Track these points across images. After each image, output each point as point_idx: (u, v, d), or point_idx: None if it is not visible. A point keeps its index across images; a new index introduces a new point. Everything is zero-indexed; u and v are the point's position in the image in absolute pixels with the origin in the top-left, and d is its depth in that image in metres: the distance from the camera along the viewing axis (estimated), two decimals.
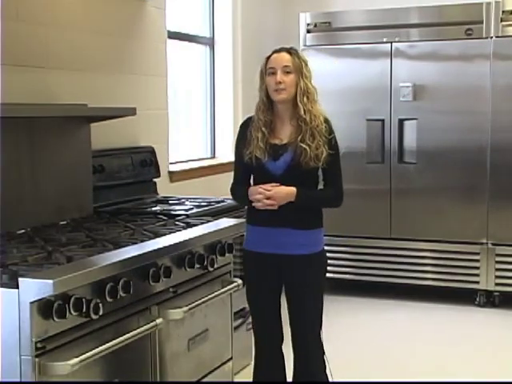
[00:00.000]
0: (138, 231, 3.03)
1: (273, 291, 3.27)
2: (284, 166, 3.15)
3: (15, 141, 3.15)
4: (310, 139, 3.11)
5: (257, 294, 3.28)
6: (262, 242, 3.21)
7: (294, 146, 3.14)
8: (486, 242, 5.52)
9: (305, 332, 3.22)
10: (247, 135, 3.21)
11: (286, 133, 3.20)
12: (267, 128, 3.19)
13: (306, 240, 3.19)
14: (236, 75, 5.72)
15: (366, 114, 5.69)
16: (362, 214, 5.71)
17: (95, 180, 3.71)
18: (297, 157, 3.13)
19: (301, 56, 3.21)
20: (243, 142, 3.23)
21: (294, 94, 3.15)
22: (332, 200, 3.28)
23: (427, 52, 5.63)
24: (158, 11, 4.44)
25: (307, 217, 3.19)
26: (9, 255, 2.54)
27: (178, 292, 2.89)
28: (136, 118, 3.83)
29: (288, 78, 3.14)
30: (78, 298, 2.25)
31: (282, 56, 3.17)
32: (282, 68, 3.14)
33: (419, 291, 5.78)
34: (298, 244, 3.17)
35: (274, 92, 3.14)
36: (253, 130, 3.20)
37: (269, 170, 3.16)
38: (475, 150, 5.53)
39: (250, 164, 3.19)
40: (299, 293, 3.21)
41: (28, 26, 3.41)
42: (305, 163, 3.11)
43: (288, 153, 3.15)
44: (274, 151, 3.16)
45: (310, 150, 3.10)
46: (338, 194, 3.25)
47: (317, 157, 3.11)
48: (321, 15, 5.89)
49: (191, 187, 4.87)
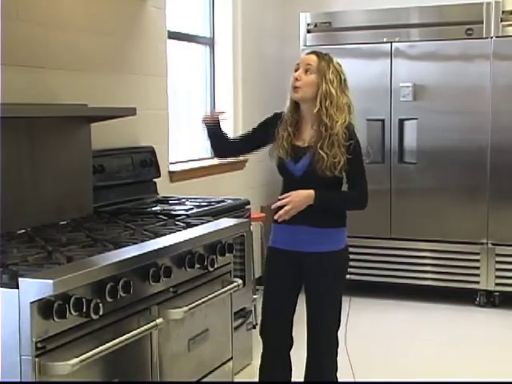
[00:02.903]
0: (138, 231, 3.03)
1: (292, 291, 3.29)
2: (303, 168, 3.19)
3: (15, 141, 3.15)
4: (328, 147, 3.12)
5: (276, 292, 3.29)
6: (284, 240, 3.26)
7: (313, 150, 3.16)
8: (486, 242, 5.52)
9: (322, 330, 3.24)
10: (274, 132, 3.25)
11: (308, 135, 3.23)
12: (293, 128, 3.22)
13: (326, 238, 3.21)
14: (236, 75, 5.72)
15: (366, 114, 5.68)
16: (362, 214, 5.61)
17: (95, 180, 3.70)
18: (314, 163, 3.14)
19: (333, 63, 3.22)
20: (270, 125, 3.29)
21: (314, 96, 3.16)
22: (354, 202, 3.29)
23: (427, 52, 5.64)
24: (157, 11, 4.44)
25: (328, 215, 3.21)
26: (9, 255, 2.53)
27: (178, 292, 2.89)
28: (136, 118, 3.83)
29: (307, 77, 3.17)
30: (78, 298, 2.25)
31: (309, 56, 3.23)
32: (305, 66, 3.19)
33: (419, 291, 5.78)
34: (320, 242, 3.19)
35: (292, 89, 3.19)
36: (280, 129, 3.24)
37: (291, 170, 3.22)
38: (475, 150, 5.53)
39: (275, 162, 3.27)
40: (318, 290, 3.23)
41: (28, 26, 3.41)
42: (321, 171, 3.13)
43: (307, 157, 3.18)
44: (295, 153, 3.21)
45: (328, 159, 3.11)
46: (362, 196, 3.26)
47: (334, 165, 3.12)
48: (321, 15, 5.90)
49: (191, 187, 4.86)
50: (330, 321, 3.26)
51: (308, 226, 3.18)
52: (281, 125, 3.25)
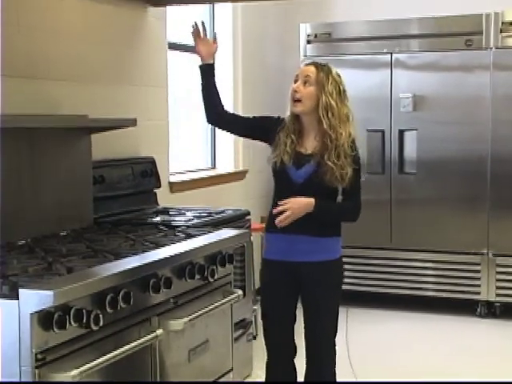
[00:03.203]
0: (139, 242, 3.03)
1: (289, 301, 3.28)
2: (305, 175, 3.18)
3: (16, 151, 3.15)
4: (335, 158, 3.12)
5: (274, 303, 3.29)
6: (280, 250, 3.24)
7: (318, 158, 3.16)
8: (487, 252, 5.52)
9: (320, 339, 3.23)
10: (275, 135, 3.24)
11: (311, 145, 3.23)
12: (296, 136, 3.22)
13: (323, 247, 3.20)
14: (237, 85, 5.73)
15: (367, 125, 5.69)
16: (362, 224, 5.61)
17: (96, 190, 3.71)
18: (320, 171, 3.14)
19: (331, 74, 3.20)
20: (271, 125, 3.27)
21: (315, 109, 3.16)
22: (350, 214, 3.30)
23: (427, 62, 5.65)
24: (158, 22, 4.45)
25: (324, 224, 3.20)
26: (9, 266, 2.54)
27: (179, 303, 2.89)
28: (136, 129, 3.84)
29: (306, 89, 3.16)
30: (78, 309, 2.25)
31: (307, 67, 3.22)
32: (304, 78, 3.17)
33: (419, 301, 5.77)
34: (315, 251, 3.19)
35: (292, 102, 3.18)
36: (282, 135, 3.22)
37: (291, 176, 3.20)
38: (475, 160, 5.53)
39: (274, 167, 3.24)
40: (315, 300, 3.22)
41: (29, 36, 3.42)
42: (329, 182, 3.13)
43: (311, 164, 3.17)
44: (298, 159, 3.19)
45: (336, 169, 3.11)
46: (357, 207, 3.28)
47: (341, 176, 3.13)
48: (321, 26, 5.91)
49: (192, 198, 4.87)
50: (329, 330, 3.26)
51: (304, 235, 3.17)
52: (282, 131, 3.23)
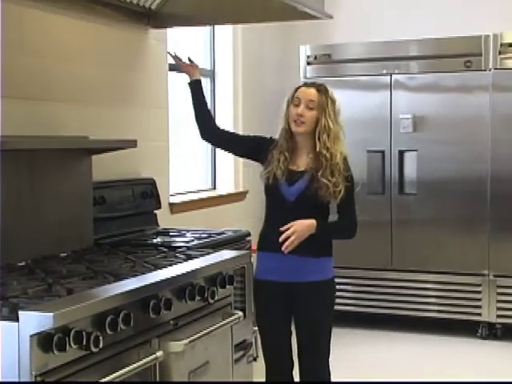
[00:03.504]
0: (139, 263, 3.02)
1: (283, 320, 3.29)
2: (297, 192, 3.22)
3: (16, 172, 3.15)
4: (329, 175, 3.18)
5: (268, 323, 3.31)
6: (272, 270, 3.26)
7: (310, 175, 3.21)
8: (488, 273, 5.51)
9: (314, 359, 3.23)
10: (267, 154, 3.29)
11: (303, 162, 3.28)
12: (289, 153, 3.25)
13: (316, 267, 3.23)
14: (236, 107, 5.75)
15: (367, 146, 5.71)
16: (362, 245, 5.68)
17: (96, 211, 3.70)
18: (312, 187, 3.18)
19: (329, 95, 3.27)
20: (264, 145, 3.34)
21: (313, 129, 3.21)
22: (347, 232, 3.34)
23: (427, 84, 5.67)
24: (159, 44, 4.47)
25: (317, 244, 3.22)
26: (9, 287, 2.53)
27: (179, 324, 2.87)
28: (137, 150, 3.84)
29: (310, 113, 3.21)
30: (78, 331, 2.24)
31: (309, 90, 3.26)
32: (307, 102, 3.22)
33: (420, 323, 5.75)
34: (308, 271, 3.21)
35: (294, 123, 3.23)
36: (275, 153, 3.28)
37: (283, 193, 3.24)
38: (475, 180, 5.54)
39: (266, 184, 3.28)
40: (308, 320, 3.23)
41: (31, 58, 3.43)
42: (323, 197, 3.18)
43: (303, 180, 3.22)
44: (290, 176, 3.24)
45: (330, 186, 3.17)
46: (353, 225, 3.32)
47: (334, 193, 3.19)
48: (321, 47, 5.94)
49: (192, 219, 4.86)
50: (323, 351, 3.30)
51: (297, 255, 3.19)
52: (275, 149, 3.29)
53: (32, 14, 3.43)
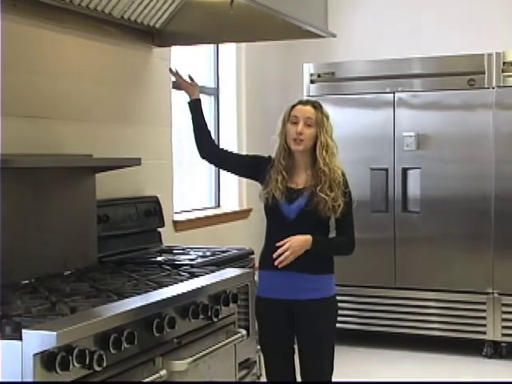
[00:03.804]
0: (142, 281, 3.02)
1: (286, 338, 3.29)
2: (297, 209, 3.23)
3: (20, 190, 3.16)
4: (328, 190, 3.20)
5: (270, 342, 3.30)
6: (274, 288, 3.26)
7: (309, 192, 3.23)
8: (492, 291, 5.48)
9: (317, 378, 3.23)
10: (265, 174, 3.30)
11: (301, 179, 3.30)
12: (287, 172, 3.27)
13: (318, 285, 3.23)
14: (240, 125, 5.76)
15: (370, 163, 5.72)
16: (366, 263, 5.68)
17: (100, 230, 3.71)
18: (311, 203, 3.20)
19: (324, 111, 3.31)
20: (262, 165, 3.35)
21: (312, 146, 3.24)
22: (345, 248, 3.35)
23: (430, 102, 5.68)
24: (163, 62, 4.49)
25: (319, 262, 3.23)
26: (13, 306, 2.53)
27: (183, 343, 2.87)
28: (141, 168, 3.85)
29: (308, 130, 3.23)
30: (81, 350, 2.23)
31: (307, 108, 3.28)
32: (305, 119, 3.23)
33: (424, 341, 5.72)
34: (309, 289, 3.20)
35: (293, 141, 3.24)
36: (272, 173, 3.29)
37: (283, 212, 3.25)
38: (479, 198, 5.53)
39: (265, 204, 3.29)
40: (310, 338, 3.23)
41: (35, 76, 3.45)
42: (323, 213, 3.19)
43: (302, 197, 3.24)
44: (289, 194, 3.25)
45: (329, 201, 3.18)
46: (351, 242, 3.33)
47: (333, 208, 3.20)
48: (324, 66, 5.96)
49: (196, 237, 4.86)
50: (325, 369, 3.30)
51: (299, 272, 3.20)
52: (272, 169, 3.30)
53: (36, 33, 3.45)
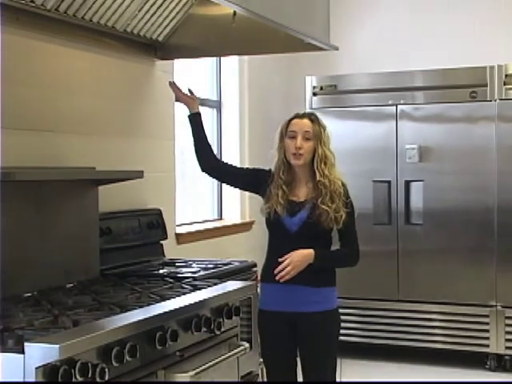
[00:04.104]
0: (145, 294, 3.02)
1: (288, 351, 3.28)
2: (299, 222, 3.22)
3: (23, 203, 3.16)
4: (329, 201, 3.20)
5: (272, 354, 3.30)
6: (276, 301, 3.26)
7: (311, 204, 3.22)
8: (495, 304, 5.47)
9: None
10: (266, 188, 3.30)
11: (302, 192, 3.30)
12: (287, 186, 3.26)
13: (320, 298, 3.22)
14: (243, 138, 5.77)
15: (373, 176, 5.72)
16: (369, 276, 5.67)
17: (102, 242, 3.70)
18: (313, 215, 3.20)
19: (321, 123, 3.31)
20: (262, 178, 3.34)
21: (311, 159, 3.24)
22: (348, 260, 3.35)
23: (432, 114, 5.68)
24: (165, 75, 4.50)
25: (321, 274, 3.23)
26: (15, 319, 2.52)
27: (185, 356, 2.86)
28: (143, 181, 3.85)
29: (307, 144, 3.23)
30: (83, 363, 2.22)
31: (303, 122, 3.28)
32: (303, 133, 3.24)
33: (428, 354, 5.70)
34: (312, 301, 3.19)
35: (292, 155, 3.24)
36: (272, 188, 3.29)
37: (285, 225, 3.24)
38: (482, 210, 5.52)
39: (267, 218, 3.28)
40: (313, 351, 3.22)
41: (37, 89, 3.46)
42: (325, 224, 3.19)
43: (304, 210, 3.23)
44: (291, 207, 3.25)
45: (330, 212, 3.17)
46: (354, 253, 3.33)
47: (336, 219, 3.20)
48: (326, 78, 5.97)
49: (198, 249, 4.86)
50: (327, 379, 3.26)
51: (301, 285, 3.19)
52: (272, 184, 3.29)
53: (39, 46, 3.46)
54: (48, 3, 3.28)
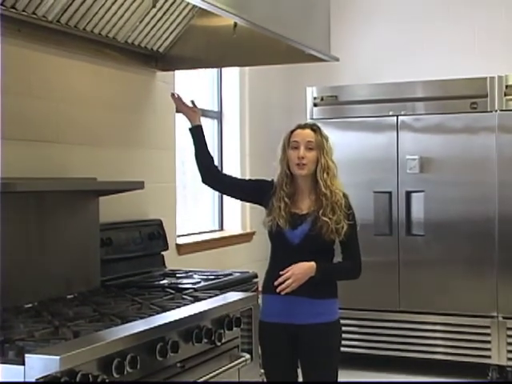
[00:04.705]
0: (146, 305, 3.02)
1: (289, 362, 3.28)
2: (301, 235, 3.22)
3: (24, 214, 3.17)
4: (330, 213, 3.19)
5: (273, 366, 3.29)
6: (277, 312, 3.25)
7: (313, 217, 3.22)
8: (497, 315, 5.45)
9: None
10: (269, 202, 3.29)
11: (305, 204, 3.29)
12: (290, 199, 3.26)
13: (321, 309, 3.22)
14: (243, 148, 5.77)
15: (373, 187, 5.72)
16: (369, 287, 5.66)
17: (103, 253, 3.70)
18: (315, 228, 3.19)
19: (323, 133, 3.31)
20: (265, 189, 3.33)
21: (314, 170, 3.23)
22: (350, 273, 3.34)
23: (433, 125, 5.69)
24: (166, 86, 4.51)
25: (322, 286, 3.22)
26: (15, 330, 2.52)
27: (186, 367, 2.85)
28: (144, 192, 3.85)
29: (310, 154, 3.23)
30: (84, 374, 2.22)
31: (306, 132, 3.28)
32: (306, 143, 3.24)
33: (429, 365, 5.68)
34: (313, 313, 3.19)
35: (296, 166, 3.24)
36: (275, 200, 3.28)
37: (287, 237, 3.24)
38: (483, 221, 5.52)
39: (269, 231, 3.28)
40: (314, 362, 3.21)
41: (39, 101, 3.47)
42: (326, 236, 3.18)
43: (306, 223, 3.23)
44: (293, 220, 3.24)
45: (331, 224, 3.16)
46: (357, 266, 3.32)
47: (337, 230, 3.20)
48: (327, 89, 5.98)
49: (199, 260, 4.86)
50: None
51: (303, 297, 3.19)
52: (274, 196, 3.29)
53: (41, 57, 3.47)
54: (50, 15, 3.29)
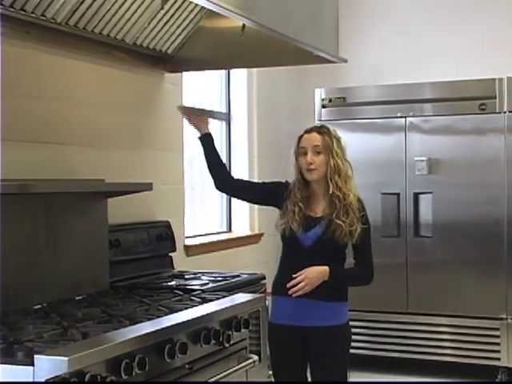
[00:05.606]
0: (154, 307, 3.02)
1: (298, 365, 3.27)
2: (314, 237, 3.22)
3: (32, 216, 3.17)
4: (344, 216, 3.19)
5: (282, 368, 3.29)
6: (287, 314, 3.25)
7: (327, 220, 3.22)
8: (506, 317, 5.44)
9: None
10: (282, 201, 3.28)
11: (319, 207, 3.29)
12: (304, 203, 3.25)
13: (332, 312, 3.21)
14: (251, 150, 5.78)
15: (381, 188, 5.71)
16: (378, 288, 5.58)
17: (111, 255, 3.71)
18: (328, 231, 3.19)
19: (332, 134, 3.29)
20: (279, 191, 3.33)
21: (325, 173, 3.22)
22: (363, 278, 3.33)
23: (441, 126, 5.67)
24: (174, 88, 4.52)
25: (333, 289, 3.22)
26: (25, 331, 2.53)
27: (194, 368, 2.85)
28: (152, 193, 3.86)
29: (318, 158, 3.22)
30: (93, 375, 2.22)
31: (312, 136, 3.27)
32: (313, 148, 3.23)
33: (437, 367, 5.66)
34: (324, 316, 3.19)
35: (306, 172, 3.25)
36: (289, 204, 3.28)
37: (299, 240, 3.24)
38: (492, 222, 5.50)
39: (282, 234, 3.28)
40: (323, 365, 3.21)
41: (47, 102, 3.47)
42: (340, 239, 3.18)
43: (320, 226, 3.23)
44: (307, 223, 3.24)
45: (345, 226, 3.15)
46: (369, 272, 3.31)
47: (351, 233, 3.19)
48: (335, 90, 5.97)
49: (207, 261, 4.86)
50: None
51: (313, 299, 3.18)
52: (288, 199, 3.28)
53: (48, 59, 3.48)
54: (58, 17, 3.30)
